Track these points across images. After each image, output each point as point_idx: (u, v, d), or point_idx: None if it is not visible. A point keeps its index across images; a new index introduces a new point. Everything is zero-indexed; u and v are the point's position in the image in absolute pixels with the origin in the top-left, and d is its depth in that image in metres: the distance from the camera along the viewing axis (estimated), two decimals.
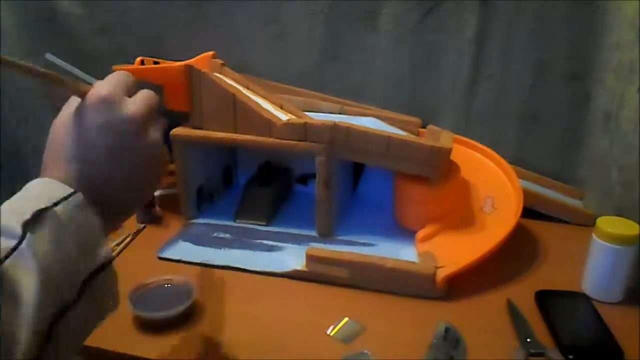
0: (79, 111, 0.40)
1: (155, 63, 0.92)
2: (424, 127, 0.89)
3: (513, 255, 0.73)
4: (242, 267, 0.73)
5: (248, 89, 0.85)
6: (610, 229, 0.62)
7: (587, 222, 0.79)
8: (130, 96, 0.42)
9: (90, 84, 0.42)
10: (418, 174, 0.74)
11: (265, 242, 0.78)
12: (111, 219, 0.40)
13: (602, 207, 0.80)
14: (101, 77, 1.02)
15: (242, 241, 0.79)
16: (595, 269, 0.65)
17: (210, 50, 0.94)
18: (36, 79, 0.39)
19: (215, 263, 0.74)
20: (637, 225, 0.63)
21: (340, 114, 0.90)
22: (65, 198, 0.35)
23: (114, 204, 0.40)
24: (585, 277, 0.67)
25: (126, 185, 0.40)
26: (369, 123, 0.84)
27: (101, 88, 0.40)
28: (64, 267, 0.34)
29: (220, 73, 0.88)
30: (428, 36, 0.89)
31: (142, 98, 0.42)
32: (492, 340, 0.58)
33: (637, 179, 0.71)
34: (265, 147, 0.77)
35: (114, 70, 0.92)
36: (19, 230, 0.32)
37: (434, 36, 0.88)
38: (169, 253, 0.76)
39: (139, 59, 0.90)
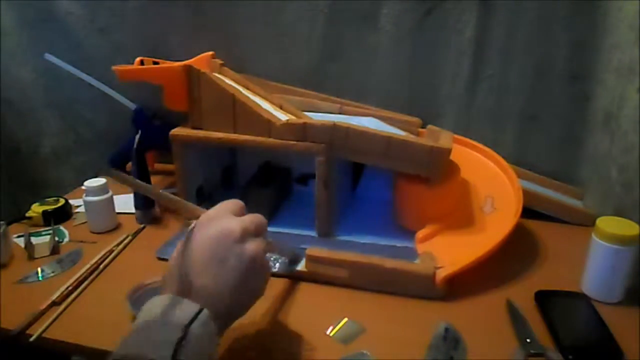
0: (192, 232, 0.48)
1: (155, 63, 0.92)
2: (424, 127, 0.89)
3: (513, 255, 0.73)
4: None
5: (247, 89, 0.85)
6: (610, 229, 0.62)
7: (587, 222, 0.79)
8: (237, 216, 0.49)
9: (202, 210, 0.51)
10: (418, 174, 0.74)
11: None
12: (222, 325, 0.46)
13: (602, 207, 0.80)
14: (100, 77, 1.03)
15: None
16: (595, 269, 0.65)
17: (210, 50, 0.94)
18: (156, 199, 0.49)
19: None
20: (637, 225, 0.63)
21: (339, 114, 0.90)
22: (196, 316, 0.42)
23: (225, 312, 0.46)
24: (585, 277, 0.66)
25: (234, 290, 0.46)
26: (369, 123, 0.84)
27: (209, 211, 0.50)
28: None
29: (220, 73, 0.88)
30: (428, 36, 0.89)
31: (248, 217, 0.50)
32: (492, 341, 0.58)
33: (637, 179, 0.71)
34: (264, 147, 0.77)
35: (114, 71, 0.93)
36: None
37: (434, 36, 0.88)
38: (169, 253, 0.76)
39: (138, 59, 0.90)
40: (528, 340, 0.58)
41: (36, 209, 0.87)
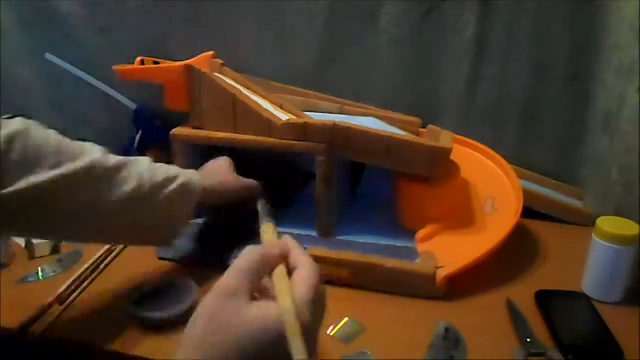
0: (210, 301, 0.39)
1: (155, 63, 0.92)
2: (424, 127, 0.89)
3: (513, 255, 0.73)
4: None
5: (248, 89, 0.85)
6: (610, 229, 0.62)
7: (587, 222, 0.79)
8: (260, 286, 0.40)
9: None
10: (418, 174, 0.74)
11: None
12: None
13: (602, 207, 0.80)
14: (100, 77, 1.01)
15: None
16: (595, 269, 0.65)
17: (210, 50, 0.94)
18: None
19: (215, 263, 0.74)
20: (637, 225, 0.63)
21: (340, 114, 0.90)
22: None
23: None
24: (585, 277, 0.67)
25: None
26: (369, 123, 0.84)
27: (228, 278, 0.39)
28: None
29: (220, 73, 0.88)
30: (428, 36, 0.89)
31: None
32: (492, 340, 0.58)
33: (637, 179, 0.71)
34: (265, 147, 0.77)
35: (115, 71, 0.93)
36: None
37: (434, 36, 0.88)
38: (169, 253, 0.76)
39: (139, 59, 0.90)
40: (528, 339, 0.58)
41: None
